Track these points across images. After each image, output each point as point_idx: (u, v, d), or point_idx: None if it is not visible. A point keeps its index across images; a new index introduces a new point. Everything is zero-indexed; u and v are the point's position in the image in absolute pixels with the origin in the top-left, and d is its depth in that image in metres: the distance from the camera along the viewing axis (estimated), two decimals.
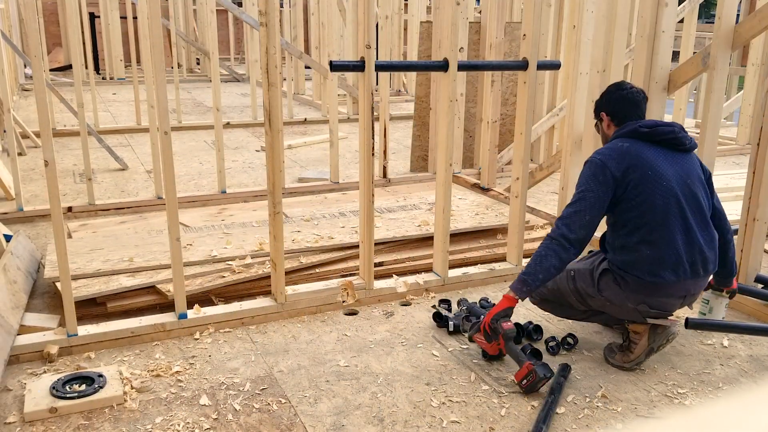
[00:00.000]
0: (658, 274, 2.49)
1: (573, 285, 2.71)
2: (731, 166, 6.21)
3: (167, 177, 2.71)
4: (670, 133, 2.60)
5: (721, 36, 3.21)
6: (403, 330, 2.96)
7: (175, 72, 7.41)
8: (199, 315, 2.89)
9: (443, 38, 3.23)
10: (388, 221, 3.95)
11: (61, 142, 6.58)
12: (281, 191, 2.95)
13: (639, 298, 2.54)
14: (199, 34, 12.67)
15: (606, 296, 2.61)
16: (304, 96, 10.02)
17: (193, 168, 5.87)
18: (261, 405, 2.37)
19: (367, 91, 3.02)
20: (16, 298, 2.90)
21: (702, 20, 16.92)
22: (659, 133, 2.59)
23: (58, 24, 12.66)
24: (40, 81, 2.51)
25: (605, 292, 2.61)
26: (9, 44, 5.72)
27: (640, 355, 2.62)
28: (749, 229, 3.11)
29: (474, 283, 3.45)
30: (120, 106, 9.08)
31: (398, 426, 2.25)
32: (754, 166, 3.06)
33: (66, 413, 2.27)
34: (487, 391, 2.46)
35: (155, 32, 2.66)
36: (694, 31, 6.48)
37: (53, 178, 2.54)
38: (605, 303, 2.64)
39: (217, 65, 4.78)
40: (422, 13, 9.41)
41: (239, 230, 3.77)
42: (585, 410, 2.36)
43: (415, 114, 5.70)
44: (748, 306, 3.13)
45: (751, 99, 6.60)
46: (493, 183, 4.98)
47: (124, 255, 3.34)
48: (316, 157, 6.42)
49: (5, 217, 4.27)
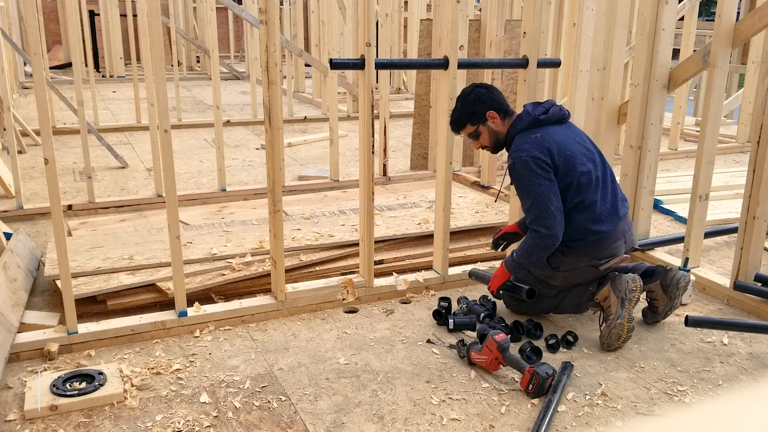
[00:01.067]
0: (596, 231, 2.77)
1: (532, 276, 2.95)
2: (731, 164, 6.21)
3: (167, 175, 2.71)
4: (559, 112, 2.88)
5: (722, 34, 3.21)
6: (403, 328, 2.96)
7: (175, 70, 7.41)
8: (199, 313, 2.89)
9: (443, 36, 3.23)
10: (388, 219, 3.95)
11: (61, 140, 6.58)
12: (281, 189, 2.95)
13: (588, 257, 2.81)
14: (199, 31, 12.66)
15: (562, 269, 2.87)
16: (304, 94, 10.02)
17: (193, 166, 5.87)
18: (261, 403, 2.37)
19: (367, 89, 3.02)
20: (16, 296, 2.90)
21: (702, 18, 16.90)
22: (552, 114, 2.86)
23: (57, 22, 12.66)
24: (39, 79, 2.50)
25: (560, 267, 2.87)
26: (9, 42, 5.72)
27: (617, 311, 2.73)
28: (749, 227, 3.11)
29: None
30: (120, 104, 9.07)
31: (398, 424, 2.25)
32: (754, 164, 3.06)
33: (66, 411, 2.27)
34: (487, 389, 2.47)
35: (155, 30, 2.65)
36: (694, 29, 6.47)
37: (53, 176, 2.54)
38: (564, 275, 2.89)
39: (217, 63, 4.78)
40: (422, 11, 9.41)
41: (239, 228, 3.77)
42: (585, 408, 2.36)
43: (415, 112, 5.70)
44: (748, 304, 3.13)
45: (751, 97, 6.59)
46: (493, 181, 4.98)
47: (124, 253, 3.34)
48: (316, 155, 6.42)
49: (5, 215, 4.27)
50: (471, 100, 2.91)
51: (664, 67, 3.51)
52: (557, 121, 2.87)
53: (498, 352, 2.51)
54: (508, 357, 2.51)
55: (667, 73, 3.53)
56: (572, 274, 2.88)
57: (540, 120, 2.83)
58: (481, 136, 2.94)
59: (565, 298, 2.97)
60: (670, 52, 3.53)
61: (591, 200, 2.77)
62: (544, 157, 2.73)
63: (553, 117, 2.85)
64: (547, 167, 2.72)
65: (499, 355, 2.51)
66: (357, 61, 3.01)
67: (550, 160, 2.74)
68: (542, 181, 2.72)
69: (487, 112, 2.89)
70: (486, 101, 2.90)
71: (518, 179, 2.79)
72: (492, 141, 2.94)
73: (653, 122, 3.66)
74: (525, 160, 2.73)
